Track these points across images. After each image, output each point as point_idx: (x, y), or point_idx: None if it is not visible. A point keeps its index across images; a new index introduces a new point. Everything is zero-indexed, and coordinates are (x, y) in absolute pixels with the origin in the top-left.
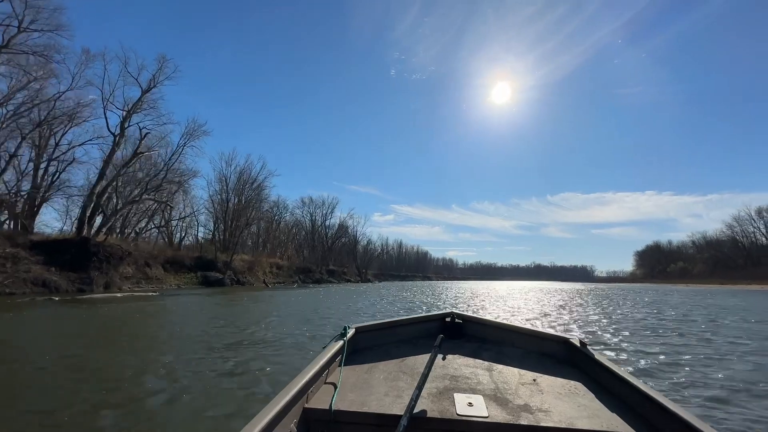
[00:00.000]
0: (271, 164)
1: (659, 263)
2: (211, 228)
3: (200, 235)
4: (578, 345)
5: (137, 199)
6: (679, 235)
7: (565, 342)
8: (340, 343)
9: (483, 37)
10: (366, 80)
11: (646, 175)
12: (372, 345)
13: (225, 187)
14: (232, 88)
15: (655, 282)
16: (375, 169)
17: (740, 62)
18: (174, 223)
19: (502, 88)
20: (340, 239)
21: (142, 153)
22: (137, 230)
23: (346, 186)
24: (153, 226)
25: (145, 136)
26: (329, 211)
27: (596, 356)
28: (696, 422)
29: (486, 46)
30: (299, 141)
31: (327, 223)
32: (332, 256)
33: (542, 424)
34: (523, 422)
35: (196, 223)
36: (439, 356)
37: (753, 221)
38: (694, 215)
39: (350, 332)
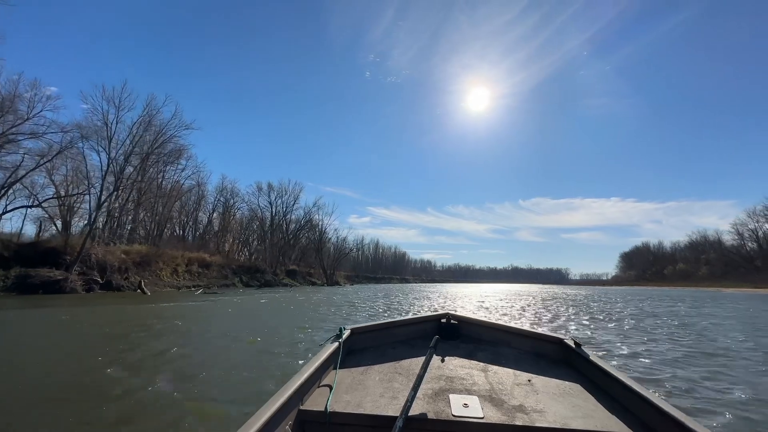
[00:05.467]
0: (241, 163)
1: (652, 265)
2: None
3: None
4: (573, 346)
5: None
6: (639, 240)
7: (560, 342)
8: (336, 344)
9: (457, 43)
10: (341, 81)
11: (612, 182)
12: (368, 346)
13: (107, 142)
14: (202, 81)
15: (652, 285)
16: (351, 170)
17: (696, 78)
18: (73, 201)
19: (477, 95)
20: (303, 233)
21: None
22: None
23: (322, 187)
24: (30, 205)
25: None
26: (292, 200)
27: (591, 357)
28: (690, 422)
29: (460, 53)
30: (272, 139)
31: (288, 217)
32: (295, 253)
33: (537, 424)
34: (518, 423)
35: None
36: (435, 357)
37: None
38: (655, 221)
39: (346, 333)
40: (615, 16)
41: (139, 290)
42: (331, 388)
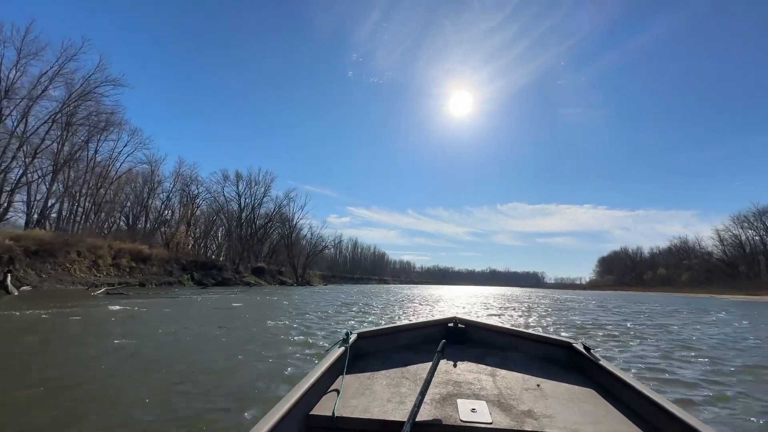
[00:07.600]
0: (217, 163)
1: (631, 270)
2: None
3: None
4: (583, 350)
5: None
6: (609, 245)
7: (569, 347)
8: (343, 349)
9: (441, 48)
10: (322, 79)
11: (585, 189)
12: (374, 351)
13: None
14: (176, 74)
15: (633, 290)
16: (331, 170)
17: (663, 92)
18: None
19: (459, 99)
20: (273, 227)
21: None
22: None
23: (301, 185)
24: None
25: None
26: (262, 191)
27: (601, 361)
28: (705, 430)
29: (443, 57)
30: (250, 135)
31: (258, 211)
32: (265, 249)
33: (546, 430)
34: (527, 428)
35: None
36: (442, 362)
37: (762, 221)
38: (624, 228)
39: (352, 338)
40: (589, 32)
41: (2, 289)
42: (338, 392)
